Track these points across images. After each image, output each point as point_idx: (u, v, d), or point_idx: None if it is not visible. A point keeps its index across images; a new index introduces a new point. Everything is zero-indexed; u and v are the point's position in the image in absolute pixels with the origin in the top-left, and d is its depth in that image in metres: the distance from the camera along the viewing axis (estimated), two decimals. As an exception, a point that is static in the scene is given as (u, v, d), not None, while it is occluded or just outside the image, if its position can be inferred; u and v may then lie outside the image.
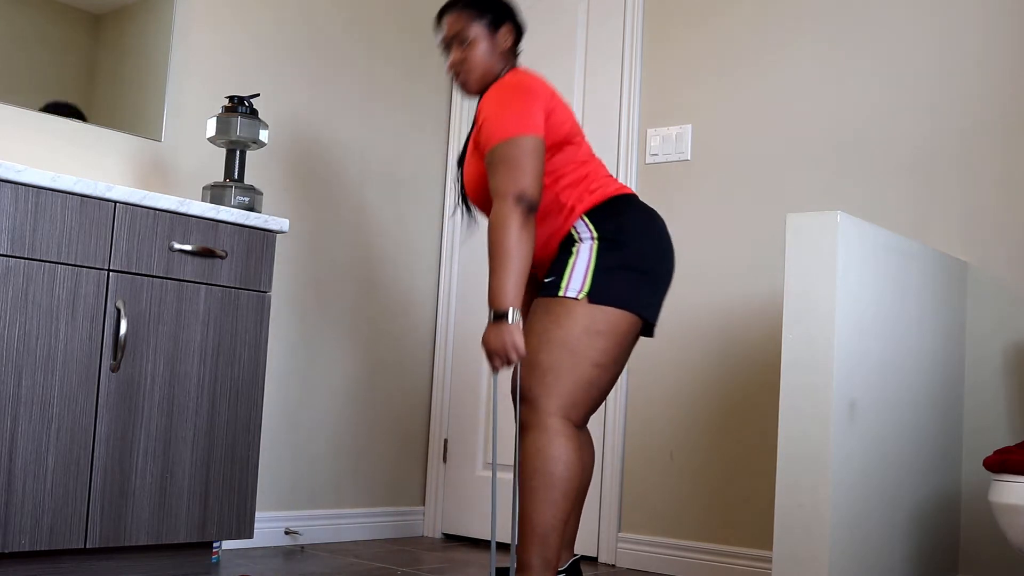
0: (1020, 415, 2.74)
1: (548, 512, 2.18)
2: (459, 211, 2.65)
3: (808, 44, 3.17)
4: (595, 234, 2.31)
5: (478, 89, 2.47)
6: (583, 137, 2.45)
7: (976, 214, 2.85)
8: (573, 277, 2.28)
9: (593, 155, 2.45)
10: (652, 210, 2.43)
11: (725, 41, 3.34)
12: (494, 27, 2.46)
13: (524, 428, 2.25)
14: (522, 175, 2.21)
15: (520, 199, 2.20)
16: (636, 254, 2.32)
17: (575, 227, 2.33)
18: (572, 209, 2.34)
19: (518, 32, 2.52)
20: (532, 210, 2.22)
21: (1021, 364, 2.75)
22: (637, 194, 2.48)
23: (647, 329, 2.40)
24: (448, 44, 2.48)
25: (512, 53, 2.51)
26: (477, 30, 2.45)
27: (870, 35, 3.07)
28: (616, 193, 2.38)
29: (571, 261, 2.30)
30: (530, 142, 2.24)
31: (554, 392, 2.22)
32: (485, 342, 2.21)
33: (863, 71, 3.07)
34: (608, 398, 3.35)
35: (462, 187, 2.57)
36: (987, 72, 2.88)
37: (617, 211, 2.35)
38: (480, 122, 2.34)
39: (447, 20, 2.48)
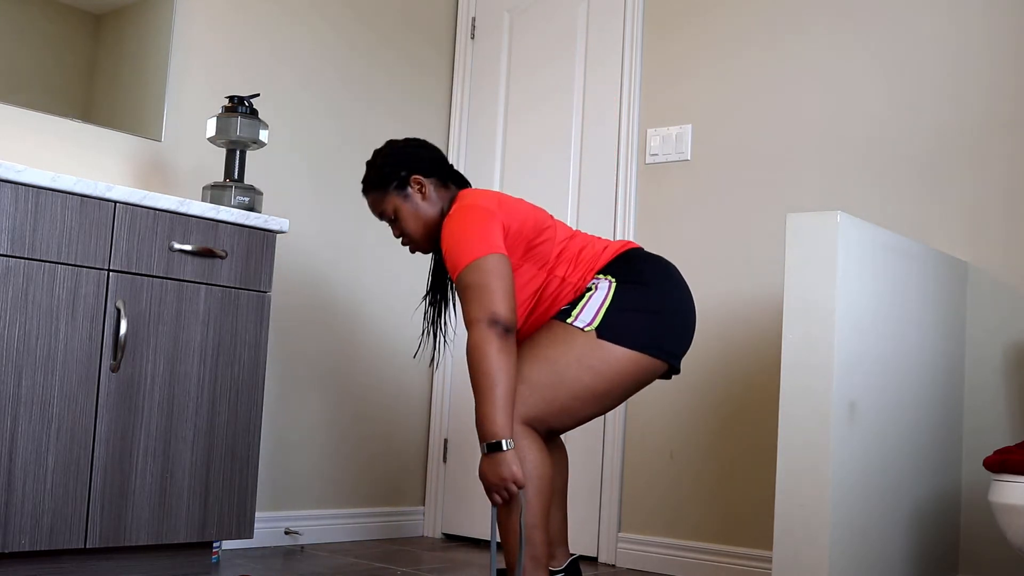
0: (1020, 415, 2.74)
1: (525, 511, 2.18)
2: (424, 345, 2.65)
3: (808, 44, 3.17)
4: (613, 278, 2.29)
5: (430, 245, 2.46)
6: (553, 221, 2.41)
7: (976, 214, 2.85)
8: (586, 309, 2.26)
9: (575, 231, 2.43)
10: (664, 259, 2.42)
11: (725, 41, 3.34)
12: (402, 188, 2.44)
13: None
14: (490, 298, 2.16)
15: (493, 322, 2.15)
16: (655, 296, 2.29)
17: (591, 283, 2.31)
18: (583, 278, 2.32)
19: (434, 169, 2.46)
20: (508, 331, 2.16)
21: (1021, 364, 2.75)
22: (641, 246, 2.47)
23: (671, 369, 2.37)
24: (381, 219, 2.50)
25: (442, 188, 2.46)
26: (391, 202, 2.44)
27: (870, 36, 3.07)
28: (624, 249, 2.37)
29: (588, 295, 2.29)
30: (492, 261, 2.19)
31: (522, 402, 2.20)
32: (482, 477, 2.15)
33: (863, 71, 3.07)
34: (608, 398, 3.35)
35: (431, 317, 2.57)
36: (988, 72, 2.88)
37: (632, 260, 2.34)
38: (444, 256, 2.29)
39: (368, 202, 2.51)
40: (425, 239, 2.45)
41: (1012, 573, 2.69)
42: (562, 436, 2.60)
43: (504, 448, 2.11)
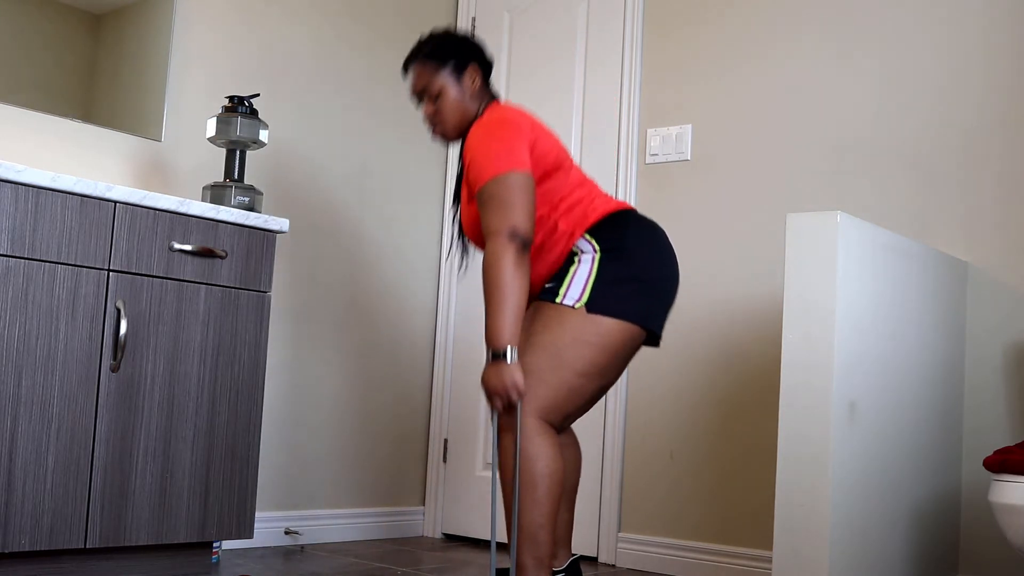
0: (1020, 415, 2.74)
1: (533, 512, 2.18)
2: (454, 248, 2.63)
3: (808, 44, 3.18)
4: (597, 247, 2.30)
5: (457, 136, 2.46)
6: (572, 162, 2.42)
7: (976, 214, 2.85)
8: (573, 285, 2.27)
9: (586, 179, 2.43)
10: (653, 222, 2.42)
11: (725, 41, 3.34)
12: (459, 72, 2.43)
13: (501, 430, 2.24)
14: (512, 212, 2.20)
15: (513, 236, 2.19)
16: (639, 265, 2.31)
17: (577, 245, 2.32)
18: (572, 234, 2.33)
19: (486, 69, 2.48)
20: (526, 247, 2.21)
21: (1021, 364, 2.75)
22: (636, 208, 2.46)
23: (652, 339, 2.39)
24: (418, 96, 2.48)
25: (484, 90, 2.47)
26: (442, 80, 2.42)
27: (870, 35, 3.07)
28: (615, 209, 2.37)
29: (573, 270, 2.29)
30: (518, 178, 2.23)
31: (532, 395, 2.21)
32: (484, 382, 2.19)
33: (863, 71, 3.07)
34: (608, 398, 3.35)
35: (459, 225, 2.55)
36: (988, 72, 2.88)
37: (618, 225, 2.34)
38: (467, 163, 2.32)
39: (412, 73, 2.47)
40: (455, 129, 2.45)
41: (1012, 573, 2.69)
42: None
43: (508, 358, 2.15)
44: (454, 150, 3.87)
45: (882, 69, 3.04)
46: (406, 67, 2.49)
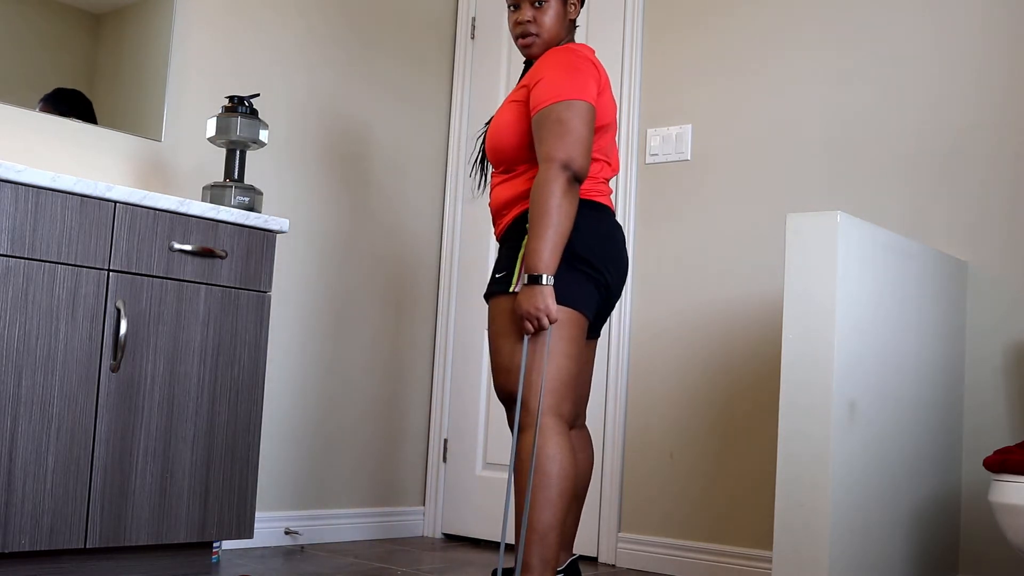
0: (1020, 415, 2.74)
1: (546, 512, 2.18)
2: (474, 172, 2.62)
3: (808, 44, 3.17)
4: None
5: (541, 52, 2.43)
6: (613, 133, 2.44)
7: (976, 214, 2.85)
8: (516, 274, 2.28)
9: (610, 155, 2.43)
10: (612, 220, 2.41)
11: (725, 41, 3.34)
12: None
13: (520, 429, 2.24)
14: (573, 142, 2.21)
15: (567, 166, 2.20)
16: (577, 256, 2.28)
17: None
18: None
19: (582, 4, 2.50)
20: (577, 180, 2.22)
21: (1021, 364, 2.75)
22: (614, 208, 2.46)
23: (592, 330, 2.40)
24: (518, 1, 2.44)
25: (574, 25, 2.49)
26: None
27: (870, 35, 3.07)
28: (589, 199, 2.35)
29: (520, 255, 2.29)
30: (584, 107, 2.25)
31: (540, 390, 2.22)
32: (519, 305, 2.21)
33: (863, 71, 3.07)
34: (608, 398, 3.35)
35: (482, 146, 2.54)
36: (987, 72, 2.88)
37: (582, 214, 2.32)
38: (534, 80, 2.31)
39: None
40: (544, 45, 2.42)
41: (1012, 573, 2.69)
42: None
43: (544, 282, 2.17)
44: (456, 148, 3.87)
45: (882, 69, 3.04)
46: None
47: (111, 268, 2.48)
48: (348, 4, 3.61)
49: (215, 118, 2.92)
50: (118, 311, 2.48)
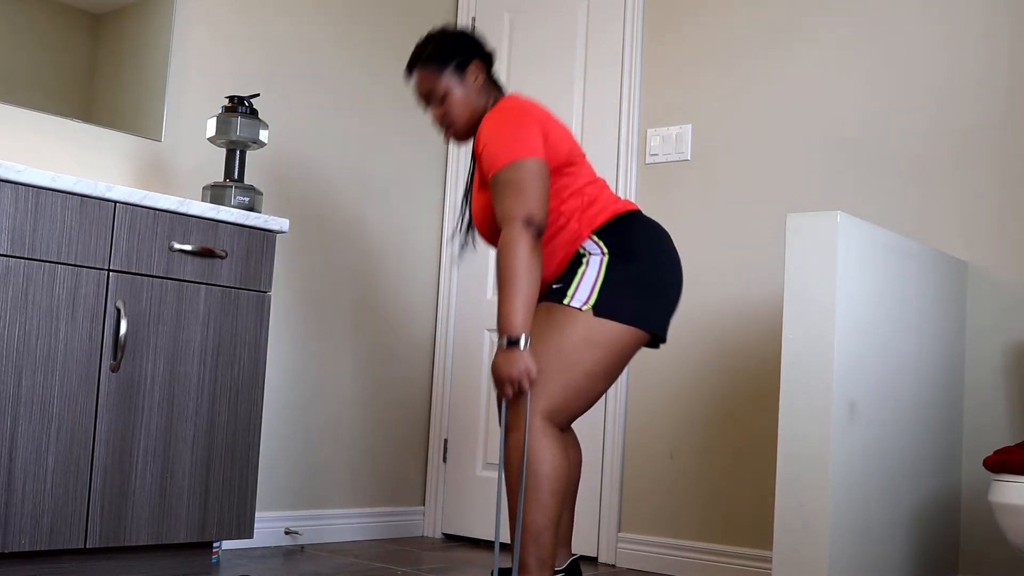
0: (1020, 415, 2.74)
1: (538, 512, 2.18)
2: (459, 241, 2.61)
3: (808, 44, 3.17)
4: (605, 249, 2.30)
5: (468, 134, 2.45)
6: (584, 158, 2.43)
7: (976, 214, 2.85)
8: (581, 287, 2.27)
9: (596, 177, 2.44)
10: (658, 225, 2.43)
11: (725, 41, 3.34)
12: (461, 70, 2.42)
13: (508, 429, 2.25)
14: (528, 198, 2.20)
15: (528, 223, 2.19)
16: (645, 268, 2.31)
17: (584, 246, 2.32)
18: (580, 234, 2.33)
19: (488, 63, 2.48)
20: (540, 233, 2.21)
21: (1021, 364, 2.75)
22: (640, 209, 2.47)
23: (654, 341, 2.39)
24: (424, 100, 2.47)
25: (490, 84, 2.47)
26: (446, 82, 2.41)
27: (870, 35, 3.07)
28: (622, 211, 2.37)
29: (581, 271, 2.29)
30: (533, 164, 2.23)
31: (539, 394, 2.22)
32: (495, 369, 2.18)
33: (863, 71, 3.07)
34: (608, 398, 3.35)
35: (470, 218, 2.55)
36: (987, 72, 2.88)
37: (625, 227, 2.34)
38: (479, 151, 2.31)
39: (415, 80, 2.46)
40: (466, 128, 2.44)
41: (1012, 573, 2.69)
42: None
43: (521, 344, 2.15)
44: (456, 150, 3.87)
45: (882, 69, 3.04)
46: (409, 72, 2.48)
47: (111, 268, 2.48)
48: (348, 4, 3.61)
49: (215, 118, 2.92)
50: (118, 311, 2.48)
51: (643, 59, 3.49)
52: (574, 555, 2.51)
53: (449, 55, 2.42)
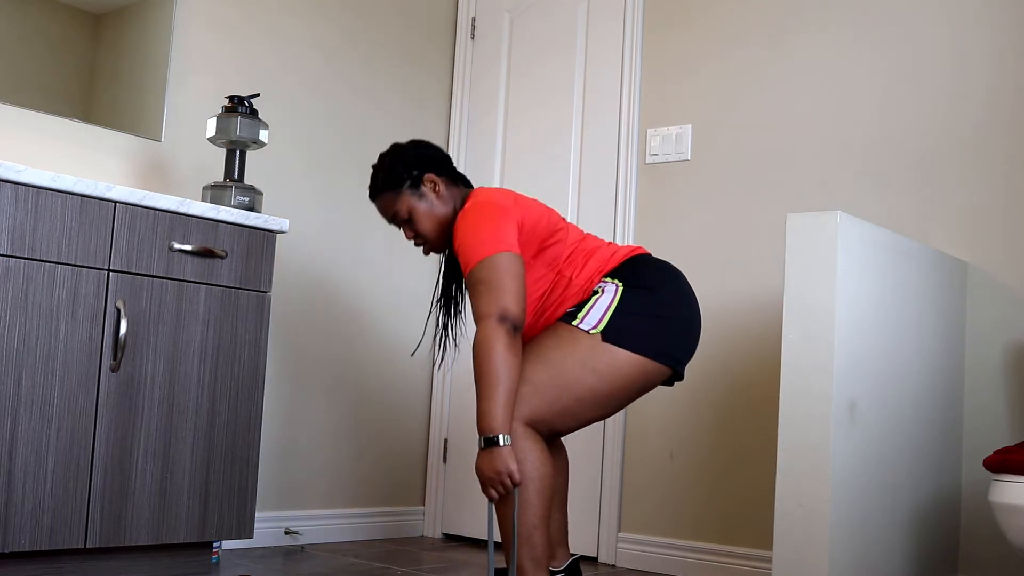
0: (1020, 415, 2.74)
1: (525, 513, 2.17)
2: (438, 347, 2.61)
3: (808, 44, 3.17)
4: (619, 282, 2.30)
5: (445, 242, 2.45)
6: (566, 222, 2.42)
7: (976, 214, 2.85)
8: (592, 311, 2.26)
9: (587, 235, 2.44)
10: (670, 264, 2.43)
11: (725, 40, 3.34)
12: (416, 187, 2.42)
13: None
14: (501, 294, 2.17)
15: (503, 319, 2.15)
16: (660, 300, 2.30)
17: (598, 286, 2.32)
18: (591, 280, 2.33)
19: (444, 168, 2.46)
20: (517, 329, 2.17)
21: (1021, 364, 2.75)
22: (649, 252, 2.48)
23: (671, 377, 2.37)
24: (393, 223, 2.47)
25: (452, 187, 2.46)
26: (404, 202, 2.42)
27: (870, 35, 3.07)
28: (632, 254, 2.37)
29: (595, 298, 2.29)
30: (505, 259, 2.20)
31: (525, 402, 2.20)
32: (478, 470, 2.16)
33: (863, 71, 3.07)
34: (608, 398, 3.35)
35: (444, 322, 2.56)
36: (988, 72, 2.88)
37: (638, 266, 2.34)
38: (456, 250, 2.30)
39: (378, 207, 2.48)
40: (440, 238, 2.44)
41: (1012, 573, 2.69)
42: (562, 438, 2.60)
43: (501, 443, 2.12)
44: (455, 149, 3.87)
45: (882, 69, 3.03)
46: (372, 200, 2.49)
47: (111, 268, 2.48)
48: (348, 4, 3.61)
49: (215, 118, 2.92)
50: (118, 311, 2.48)
51: (643, 59, 3.49)
52: (574, 555, 2.51)
53: (400, 177, 2.42)
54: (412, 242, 2.49)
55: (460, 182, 2.49)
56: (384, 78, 3.70)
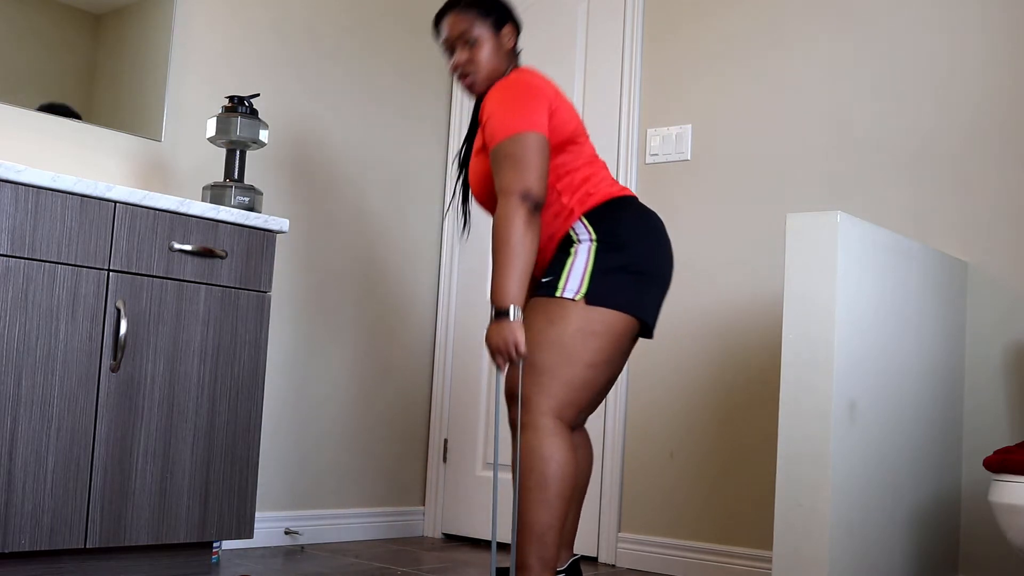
0: (1020, 415, 2.74)
1: (543, 512, 2.18)
2: (457, 215, 2.64)
3: (808, 44, 3.18)
4: (593, 236, 2.31)
5: (484, 88, 2.46)
6: (587, 138, 2.45)
7: (976, 214, 2.85)
8: (571, 277, 2.28)
9: (597, 157, 2.45)
10: (651, 211, 2.43)
11: (725, 41, 3.34)
12: (497, 27, 2.46)
13: (521, 428, 2.25)
14: (527, 172, 2.22)
15: (525, 197, 2.20)
16: (634, 256, 2.32)
17: (574, 228, 2.33)
18: (572, 211, 2.34)
19: (518, 32, 2.53)
20: (537, 208, 2.23)
21: (1021, 364, 2.75)
22: (637, 196, 2.47)
23: (646, 330, 2.40)
24: (451, 45, 2.47)
25: (514, 53, 2.51)
26: (482, 30, 2.44)
27: (870, 35, 3.07)
28: (616, 195, 2.38)
29: (569, 262, 2.30)
30: (535, 139, 2.25)
31: (547, 392, 2.22)
32: (487, 340, 2.22)
33: (863, 71, 3.07)
34: (608, 398, 3.35)
35: (464, 188, 2.57)
36: (988, 72, 2.88)
37: (616, 213, 2.35)
38: (484, 120, 2.34)
39: (449, 20, 2.47)
40: (485, 81, 2.45)
41: (1012, 573, 2.69)
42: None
43: (511, 316, 2.17)
44: (455, 150, 3.87)
45: (882, 69, 3.04)
46: (442, 16, 2.49)
47: (111, 268, 2.48)
48: (348, 4, 3.61)
49: (215, 118, 2.92)
50: (118, 311, 2.48)
51: (643, 59, 3.49)
52: (575, 555, 2.51)
53: (491, 8, 2.47)
54: (455, 71, 2.47)
55: (516, 56, 2.53)
56: (384, 78, 3.70)
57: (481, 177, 2.41)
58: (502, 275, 2.19)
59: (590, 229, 2.32)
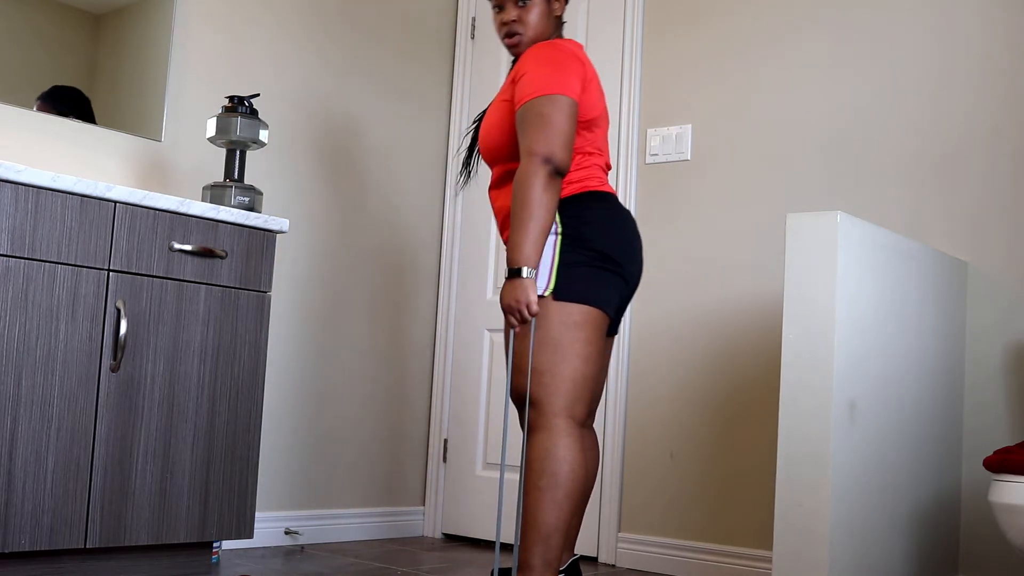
0: (1020, 415, 2.74)
1: (551, 513, 2.18)
2: (459, 168, 2.63)
3: (808, 44, 3.17)
4: (559, 228, 2.30)
5: (526, 49, 2.44)
6: (604, 132, 2.44)
7: (976, 214, 2.85)
8: (539, 275, 2.27)
9: (603, 149, 2.44)
10: (622, 208, 2.41)
11: (725, 41, 3.34)
12: None
13: (531, 430, 2.25)
14: (554, 137, 2.22)
15: (548, 160, 2.20)
16: (596, 251, 2.30)
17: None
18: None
19: (567, 1, 2.51)
20: (559, 174, 2.23)
21: (1021, 364, 2.75)
22: (617, 194, 2.45)
23: (611, 327, 2.39)
24: (502, 1, 2.45)
25: (560, 22, 2.50)
26: None
27: (870, 35, 3.07)
28: (592, 189, 2.36)
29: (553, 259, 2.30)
30: (567, 103, 2.25)
31: (554, 391, 2.22)
32: (501, 299, 2.24)
33: (863, 71, 3.07)
34: (608, 398, 3.35)
35: (472, 140, 2.56)
36: (987, 72, 2.88)
37: (584, 206, 2.33)
38: (518, 75, 2.33)
39: None
40: (531, 42, 2.43)
41: (1012, 573, 2.69)
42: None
43: (525, 275, 2.19)
44: (455, 150, 3.87)
45: (881, 69, 3.04)
46: None
47: (111, 268, 2.48)
48: (348, 4, 3.61)
49: (215, 118, 2.92)
50: (118, 311, 2.48)
51: (643, 59, 3.49)
52: (575, 556, 2.51)
53: None
54: (502, 29, 2.45)
55: (561, 27, 2.52)
56: (384, 78, 3.70)
57: (494, 125, 2.39)
58: (518, 234, 2.20)
59: (557, 221, 2.31)
